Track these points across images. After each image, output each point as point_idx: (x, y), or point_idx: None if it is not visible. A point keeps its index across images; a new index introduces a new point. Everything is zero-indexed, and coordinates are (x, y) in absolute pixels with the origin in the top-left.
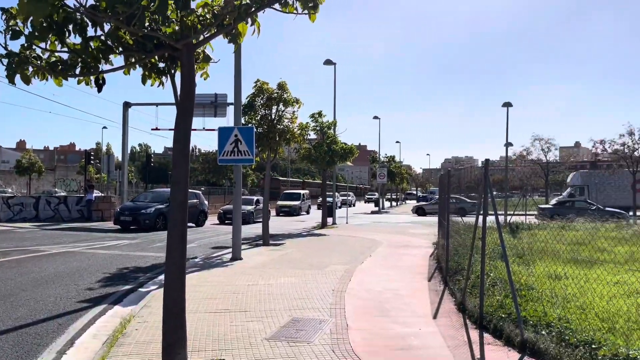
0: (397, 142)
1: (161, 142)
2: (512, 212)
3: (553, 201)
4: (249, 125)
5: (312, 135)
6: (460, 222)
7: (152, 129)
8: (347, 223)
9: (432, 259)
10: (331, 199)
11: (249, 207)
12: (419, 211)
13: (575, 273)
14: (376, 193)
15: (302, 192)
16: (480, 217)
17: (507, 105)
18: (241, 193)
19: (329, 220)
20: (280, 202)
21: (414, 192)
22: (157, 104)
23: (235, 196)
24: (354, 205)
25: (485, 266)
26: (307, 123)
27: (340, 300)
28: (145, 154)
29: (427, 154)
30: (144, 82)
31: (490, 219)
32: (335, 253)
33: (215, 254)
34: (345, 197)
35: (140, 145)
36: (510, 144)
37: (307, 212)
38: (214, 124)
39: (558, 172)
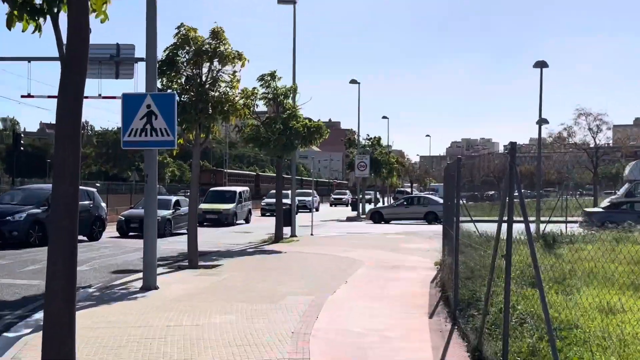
0: (385, 117)
1: (36, 116)
2: (547, 219)
3: (605, 202)
4: (169, 91)
5: (262, 107)
6: (474, 232)
7: (22, 97)
8: (312, 235)
9: (435, 285)
10: (289, 200)
11: (165, 213)
12: (375, 217)
13: (637, 305)
14: (347, 192)
15: (238, 189)
16: (504, 226)
17: (541, 65)
18: (156, 192)
19: (286, 231)
20: (203, 206)
21: (408, 190)
22: (29, 59)
23: (147, 196)
24: (316, 209)
25: (510, 296)
26: (255, 89)
27: (302, 348)
28: (11, 133)
29: (427, 136)
30: (9, 25)
31: (518, 227)
32: (295, 278)
33: (118, 281)
34: (304, 199)
35: (3, 120)
36: (545, 121)
37: (247, 220)
38: (115, 88)
39: (611, 161)
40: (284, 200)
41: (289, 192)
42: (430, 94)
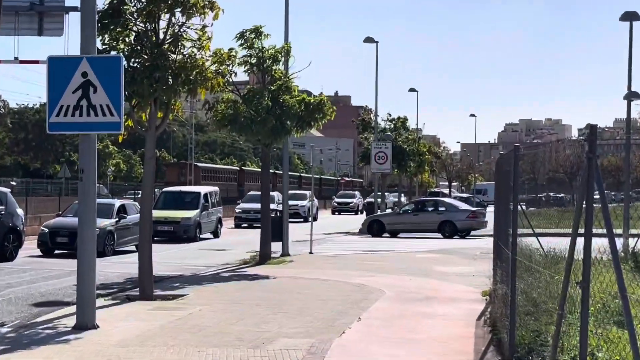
0: (412, 90)
1: None
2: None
3: None
4: (113, 53)
5: (242, 76)
6: (537, 250)
7: None
8: (310, 253)
9: (483, 324)
10: (277, 205)
11: (105, 223)
12: (374, 228)
13: None
14: (355, 194)
15: (203, 190)
16: (579, 241)
17: (631, 18)
18: (95, 193)
19: (276, 248)
20: (156, 213)
21: (445, 191)
22: None
23: (82, 200)
24: (313, 218)
25: (588, 339)
26: (233, 51)
27: None
28: None
29: (472, 115)
30: None
31: (599, 243)
32: (288, 313)
33: (42, 318)
34: (296, 203)
35: None
36: (636, 96)
37: (215, 234)
38: (38, 50)
39: None
40: (273, 206)
41: (277, 194)
42: (475, 60)
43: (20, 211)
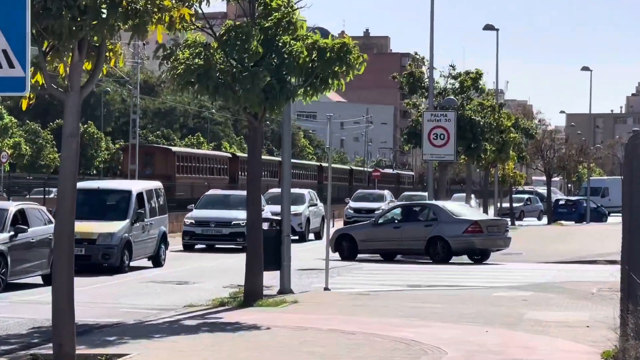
0: (489, 28)
1: None
2: None
3: None
4: None
5: (218, 5)
6: None
7: None
8: (326, 289)
9: None
10: (276, 206)
11: None
12: (343, 246)
13: None
14: (384, 194)
15: (135, 187)
16: None
17: None
18: None
19: (270, 280)
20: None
21: (540, 190)
22: None
23: None
24: (315, 234)
25: None
26: None
27: None
28: None
29: (585, 69)
30: None
31: None
32: None
33: None
34: (295, 209)
35: None
36: None
37: (155, 259)
38: None
39: None
40: (267, 210)
41: (277, 191)
42: None
43: None
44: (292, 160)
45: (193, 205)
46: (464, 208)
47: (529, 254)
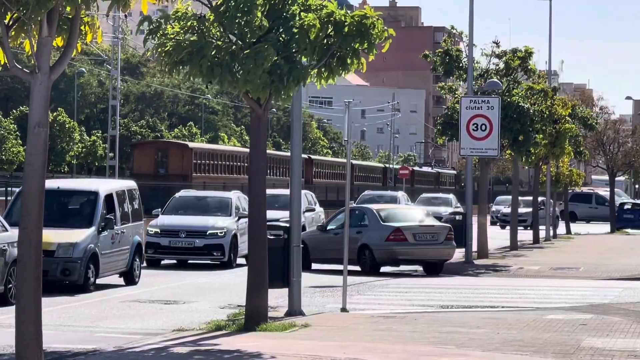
0: None
1: None
2: None
3: None
4: None
5: None
6: None
7: None
8: (344, 310)
9: None
10: (281, 211)
11: None
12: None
13: None
14: (398, 195)
15: (103, 187)
16: None
17: None
18: None
19: (277, 299)
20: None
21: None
22: None
23: None
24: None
25: None
26: None
27: None
28: None
29: None
30: None
31: None
32: None
33: None
34: (279, 216)
35: None
36: None
37: (129, 276)
38: None
39: None
40: (271, 214)
41: (278, 192)
42: None
43: None
44: (327, 159)
45: (160, 209)
46: (406, 211)
47: (588, 269)
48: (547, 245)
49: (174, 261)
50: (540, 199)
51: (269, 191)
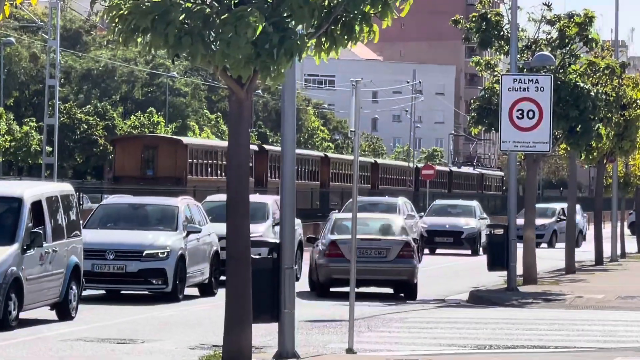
0: None
1: None
2: None
3: None
4: None
5: None
6: None
7: None
8: (351, 352)
9: None
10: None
11: None
12: None
13: None
14: (398, 206)
15: (31, 195)
16: None
17: None
18: None
19: (264, 333)
20: None
21: None
22: None
23: None
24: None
25: None
26: None
27: None
28: None
29: None
30: None
31: None
32: None
33: None
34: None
35: None
36: None
37: (62, 310)
38: None
39: None
40: (256, 229)
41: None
42: None
43: None
44: (346, 157)
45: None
46: (370, 221)
47: None
48: (613, 267)
49: (103, 291)
50: (558, 206)
51: (212, 198)
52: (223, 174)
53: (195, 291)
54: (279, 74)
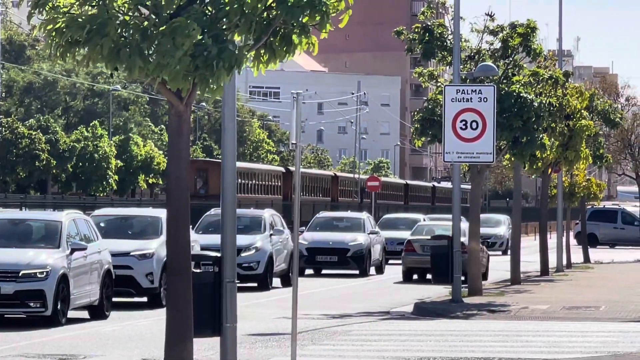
0: None
1: None
2: None
3: None
4: None
5: None
6: None
7: None
8: None
9: None
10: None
11: None
12: None
13: None
14: (260, 216)
15: None
16: None
17: None
18: None
19: (206, 348)
20: None
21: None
22: None
23: None
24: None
25: None
26: None
27: None
28: None
29: None
30: None
31: None
32: None
33: None
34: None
35: None
36: None
37: None
38: None
39: None
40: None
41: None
42: None
43: None
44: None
45: None
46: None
47: (611, 308)
48: (559, 277)
49: None
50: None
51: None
52: (253, 193)
53: (84, 314)
54: (219, 87)
